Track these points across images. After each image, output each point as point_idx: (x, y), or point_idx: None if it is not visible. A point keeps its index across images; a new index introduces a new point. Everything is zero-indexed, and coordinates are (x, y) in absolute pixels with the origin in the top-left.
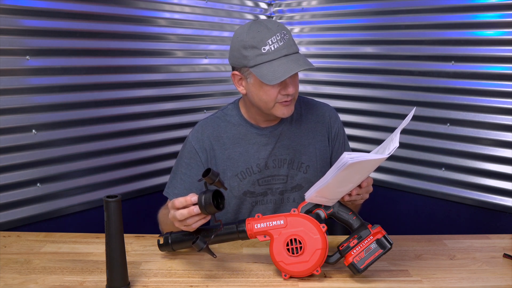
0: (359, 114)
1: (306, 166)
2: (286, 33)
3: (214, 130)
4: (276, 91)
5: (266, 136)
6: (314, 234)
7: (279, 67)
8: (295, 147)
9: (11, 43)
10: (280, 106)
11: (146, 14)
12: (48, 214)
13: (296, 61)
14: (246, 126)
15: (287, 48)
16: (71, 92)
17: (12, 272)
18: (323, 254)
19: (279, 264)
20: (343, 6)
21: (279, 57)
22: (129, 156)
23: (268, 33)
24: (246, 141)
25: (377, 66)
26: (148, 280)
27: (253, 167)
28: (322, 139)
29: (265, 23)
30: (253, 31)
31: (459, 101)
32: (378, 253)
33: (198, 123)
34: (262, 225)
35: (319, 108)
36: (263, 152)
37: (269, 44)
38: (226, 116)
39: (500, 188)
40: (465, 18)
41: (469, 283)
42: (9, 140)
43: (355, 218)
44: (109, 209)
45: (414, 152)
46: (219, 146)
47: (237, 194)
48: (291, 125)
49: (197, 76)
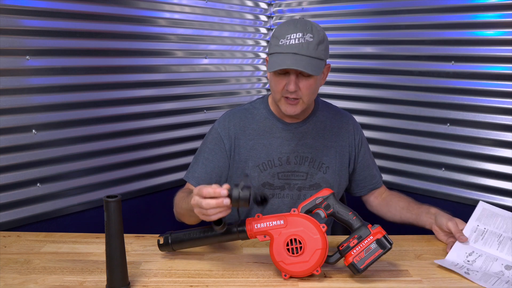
0: (359, 114)
1: (326, 167)
2: (313, 36)
3: (241, 120)
4: (280, 84)
5: (290, 132)
6: (314, 234)
7: (282, 60)
8: (318, 147)
9: (11, 43)
10: (284, 101)
11: (146, 14)
12: (48, 214)
13: (298, 61)
14: (273, 119)
15: (300, 48)
16: (71, 92)
17: (12, 272)
18: (323, 254)
19: (279, 264)
20: (343, 6)
21: (288, 53)
22: (129, 156)
23: (291, 30)
24: (270, 134)
25: (377, 66)
26: (148, 280)
27: (275, 160)
28: (343, 144)
29: (298, 21)
30: (284, 24)
31: (459, 101)
32: (378, 253)
33: (226, 112)
34: (262, 225)
35: (344, 116)
36: (286, 147)
37: (288, 38)
38: (254, 109)
39: (500, 188)
40: (465, 18)
41: (469, 283)
42: (9, 140)
43: (355, 218)
44: (109, 209)
45: (414, 152)
46: (244, 136)
47: (256, 184)
48: (316, 125)
49: (197, 76)
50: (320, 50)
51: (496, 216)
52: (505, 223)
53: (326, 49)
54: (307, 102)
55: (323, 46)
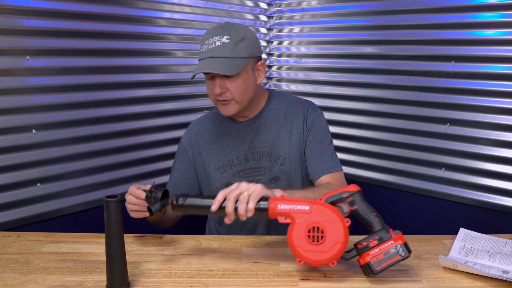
0: (359, 114)
1: (283, 158)
2: (230, 37)
3: (200, 128)
4: (210, 88)
5: (244, 130)
6: (337, 226)
7: (199, 65)
8: (272, 140)
9: (11, 43)
10: (218, 104)
11: (146, 14)
12: (48, 214)
13: (213, 63)
14: (227, 122)
15: (215, 51)
16: (71, 92)
17: (12, 272)
18: (343, 248)
19: (296, 249)
20: (343, 6)
21: (206, 58)
22: (129, 156)
23: (210, 35)
24: (227, 135)
25: (377, 66)
26: (148, 280)
27: (234, 160)
28: (297, 132)
29: (218, 26)
30: (207, 31)
31: (459, 101)
32: (396, 259)
33: (190, 124)
34: (287, 207)
35: (300, 104)
36: (242, 146)
37: (206, 44)
38: (213, 114)
39: (500, 188)
40: (465, 18)
41: (469, 283)
42: (9, 140)
43: (378, 220)
44: (109, 209)
45: (414, 152)
46: (203, 142)
47: (219, 186)
48: (269, 119)
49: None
50: (240, 49)
51: (479, 238)
52: (489, 243)
53: (248, 46)
54: (241, 101)
55: (243, 44)
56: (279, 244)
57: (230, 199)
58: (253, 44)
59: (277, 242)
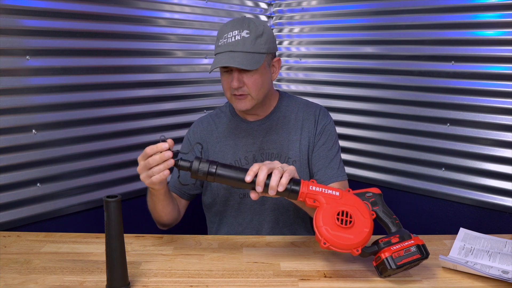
0: (359, 114)
1: (292, 161)
2: (250, 32)
3: (208, 125)
4: (227, 83)
5: (254, 130)
6: (365, 215)
7: (219, 59)
8: (282, 142)
9: (11, 43)
10: (234, 98)
11: (146, 14)
12: (48, 214)
13: (233, 57)
14: (236, 121)
15: (235, 45)
16: (71, 92)
17: (12, 272)
18: (368, 237)
19: (323, 230)
20: (343, 6)
21: (225, 51)
22: (129, 156)
23: (228, 29)
24: (236, 134)
25: (377, 66)
26: (148, 280)
27: (241, 159)
28: (307, 135)
29: (236, 20)
30: (223, 25)
31: (459, 101)
32: (416, 257)
33: (195, 121)
34: (318, 189)
35: (311, 108)
36: (251, 146)
37: (225, 38)
38: (220, 113)
39: (500, 188)
40: (465, 18)
41: (469, 283)
42: (9, 140)
43: (397, 222)
44: (109, 209)
45: (414, 152)
46: (211, 140)
47: (225, 185)
48: (280, 120)
49: (197, 76)
50: (259, 44)
51: (479, 238)
52: (489, 243)
53: (267, 42)
54: (256, 97)
55: (262, 39)
56: (279, 244)
57: (263, 170)
58: (271, 39)
59: (277, 242)
